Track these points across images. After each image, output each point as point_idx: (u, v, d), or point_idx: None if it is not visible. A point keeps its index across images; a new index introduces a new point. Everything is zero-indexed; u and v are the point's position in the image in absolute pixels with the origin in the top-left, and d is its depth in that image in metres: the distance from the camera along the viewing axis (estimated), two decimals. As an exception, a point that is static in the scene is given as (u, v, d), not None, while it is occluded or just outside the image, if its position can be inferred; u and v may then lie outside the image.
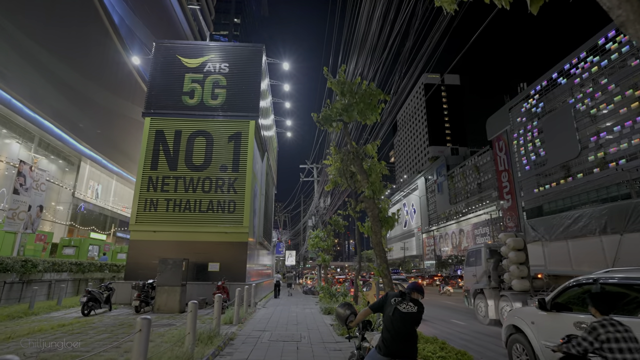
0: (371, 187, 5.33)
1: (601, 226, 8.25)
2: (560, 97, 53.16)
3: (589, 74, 48.11)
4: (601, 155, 46.95)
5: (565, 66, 51.87)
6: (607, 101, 45.91)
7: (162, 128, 16.65)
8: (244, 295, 12.58)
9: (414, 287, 3.50)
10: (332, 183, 11.12)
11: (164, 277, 13.22)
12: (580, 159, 50.18)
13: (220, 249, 15.63)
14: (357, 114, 5.16)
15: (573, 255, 8.98)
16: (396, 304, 3.31)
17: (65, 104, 25.54)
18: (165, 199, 15.92)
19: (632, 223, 7.40)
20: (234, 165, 16.47)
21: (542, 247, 10.18)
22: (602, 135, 46.99)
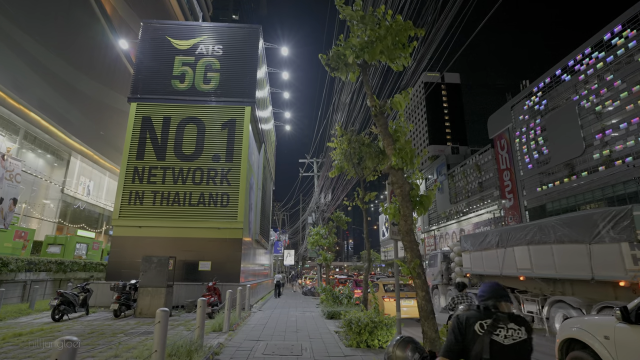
0: (399, 154, 3.90)
1: (496, 242, 11.80)
2: (563, 94, 51.90)
3: (594, 70, 46.85)
4: (607, 153, 45.69)
5: (570, 62, 50.60)
6: (613, 98, 44.64)
7: (150, 114, 15.15)
8: (237, 298, 11.08)
9: (499, 294, 1.94)
10: (337, 169, 9.65)
11: (148, 277, 11.71)
12: (584, 156, 48.90)
13: (212, 247, 14.14)
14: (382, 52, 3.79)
15: (484, 260, 12.45)
16: (488, 331, 1.78)
17: (51, 94, 23.99)
18: (152, 192, 14.41)
19: (510, 240, 10.99)
20: (227, 155, 14.98)
21: (469, 255, 13.48)
22: (607, 132, 45.69)
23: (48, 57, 22.78)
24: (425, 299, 3.86)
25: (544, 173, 55.15)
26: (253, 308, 14.20)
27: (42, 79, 22.81)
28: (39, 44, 21.66)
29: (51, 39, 21.96)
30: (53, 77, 23.77)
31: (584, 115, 48.33)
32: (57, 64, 23.47)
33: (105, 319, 10.75)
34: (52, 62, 23.35)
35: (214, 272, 13.80)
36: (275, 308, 14.86)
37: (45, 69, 22.82)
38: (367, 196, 9.77)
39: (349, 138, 9.01)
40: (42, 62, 22.54)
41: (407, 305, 11.84)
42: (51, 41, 22.24)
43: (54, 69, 23.62)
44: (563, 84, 51.53)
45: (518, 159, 59.13)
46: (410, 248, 3.99)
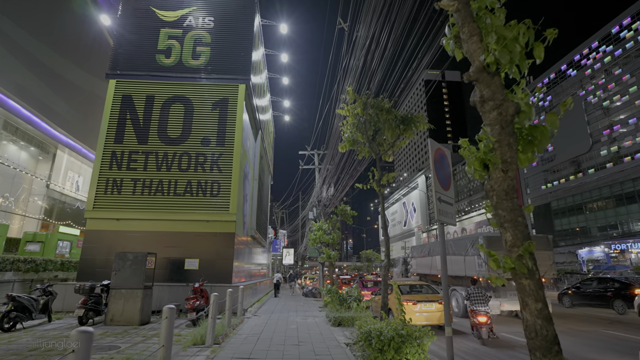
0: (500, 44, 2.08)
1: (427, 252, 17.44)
2: (569, 89, 50.21)
3: (601, 65, 45.17)
4: (615, 149, 43.99)
5: (576, 57, 48.92)
6: (622, 92, 42.95)
7: (131, 93, 13.24)
8: (227, 302, 9.17)
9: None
10: (348, 143, 7.76)
11: (122, 277, 9.78)
12: (591, 153, 47.18)
13: (201, 242, 12.22)
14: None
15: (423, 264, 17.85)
16: None
17: (32, 81, 22.02)
18: (132, 179, 12.48)
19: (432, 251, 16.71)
20: (218, 138, 13.07)
21: (415, 260, 19.23)
22: (615, 128, 44.01)
23: (26, 40, 20.86)
24: (541, 315, 1.98)
25: (549, 171, 53.45)
26: (247, 312, 12.28)
27: (21, 63, 20.88)
28: (16, 24, 19.74)
29: (29, 19, 20.03)
30: (33, 62, 21.83)
31: (591, 111, 46.66)
32: (38, 48, 21.53)
33: (67, 328, 8.82)
34: (32, 46, 21.42)
35: (203, 271, 11.89)
36: (273, 312, 12.94)
37: (24, 52, 20.89)
38: (385, 177, 7.90)
39: (363, 102, 7.13)
40: (20, 45, 20.61)
41: (428, 310, 9.95)
42: (30, 22, 20.31)
43: (34, 53, 21.68)
44: (568, 79, 49.86)
45: (522, 156, 57.30)
46: (512, 222, 2.13)
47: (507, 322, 11.58)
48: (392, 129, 7.16)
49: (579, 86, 48.47)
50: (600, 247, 41.34)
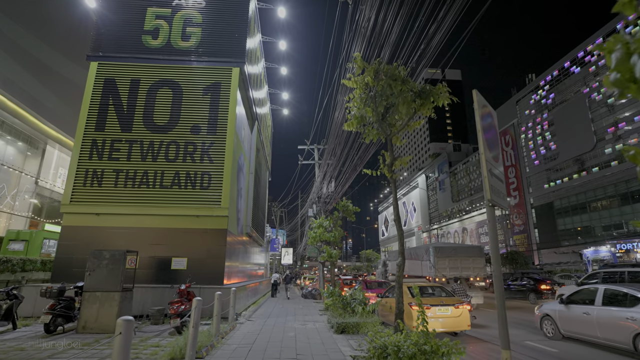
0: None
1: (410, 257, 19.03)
2: (572, 87, 49.11)
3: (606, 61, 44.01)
4: (620, 147, 42.87)
5: (579, 54, 47.85)
6: (627, 89, 41.82)
7: (114, 76, 12.04)
8: (215, 307, 7.98)
9: None
10: (356, 120, 6.57)
11: (96, 279, 8.58)
12: (595, 151, 46.04)
13: (190, 239, 11.02)
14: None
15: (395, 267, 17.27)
16: None
17: (18, 72, 20.80)
18: (114, 170, 11.28)
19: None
20: (210, 126, 11.88)
21: (391, 263, 22.63)
22: (620, 126, 42.88)
23: (11, 27, 19.64)
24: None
25: (552, 169, 52.28)
26: (240, 317, 11.08)
27: (5, 52, 19.65)
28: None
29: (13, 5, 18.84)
30: (19, 52, 20.60)
31: (595, 108, 45.54)
32: (23, 36, 20.31)
33: (31, 337, 7.61)
34: (17, 34, 20.20)
35: (191, 271, 10.69)
36: (269, 316, 11.74)
37: (8, 41, 19.67)
38: (398, 161, 6.72)
39: (374, 69, 5.95)
40: (4, 33, 19.39)
41: (443, 315, 8.77)
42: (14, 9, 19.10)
43: (19, 42, 20.46)
44: (572, 76, 48.73)
45: (524, 155, 56.27)
46: None
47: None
48: (407, 103, 5.98)
49: (583, 83, 47.41)
50: (606, 246, 40.22)
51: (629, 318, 6.46)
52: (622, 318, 6.61)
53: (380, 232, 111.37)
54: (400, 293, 5.96)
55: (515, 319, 12.02)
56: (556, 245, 50.19)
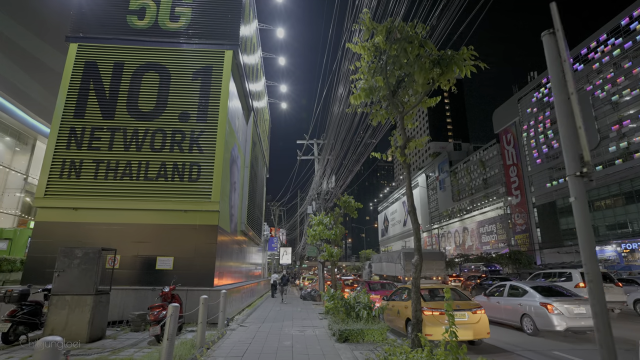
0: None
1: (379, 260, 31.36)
2: (576, 84, 47.99)
3: (610, 58, 43.09)
4: (624, 145, 41.93)
5: (583, 51, 46.87)
6: (632, 86, 40.86)
7: (95, 59, 10.97)
8: (200, 312, 6.92)
9: None
10: (363, 93, 5.51)
11: (66, 280, 7.51)
12: (599, 149, 45.07)
13: (177, 237, 9.96)
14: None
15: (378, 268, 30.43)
16: None
17: (4, 63, 19.73)
18: (94, 161, 10.21)
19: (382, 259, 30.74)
20: (199, 113, 10.82)
21: (374, 264, 32.64)
22: (625, 123, 41.87)
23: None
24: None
25: (554, 168, 51.28)
26: (233, 322, 10.01)
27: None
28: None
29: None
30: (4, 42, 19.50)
31: (599, 106, 44.56)
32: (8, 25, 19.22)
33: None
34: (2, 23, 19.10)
35: (178, 271, 9.63)
36: (264, 320, 10.67)
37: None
38: (413, 143, 5.68)
39: (386, 28, 4.89)
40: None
41: (460, 321, 7.67)
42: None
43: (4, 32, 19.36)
44: (575, 73, 47.74)
45: (525, 153, 55.26)
46: None
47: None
48: (424, 70, 4.93)
49: (586, 81, 46.44)
50: (611, 246, 39.22)
51: (520, 304, 9.29)
52: (516, 304, 9.41)
53: (380, 231, 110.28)
54: (418, 299, 4.89)
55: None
56: (559, 245, 49.19)
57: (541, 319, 8.54)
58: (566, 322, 8.16)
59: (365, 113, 13.21)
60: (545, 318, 8.44)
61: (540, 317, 8.57)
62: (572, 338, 8.64)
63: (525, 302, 9.14)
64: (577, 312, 8.32)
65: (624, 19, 41.65)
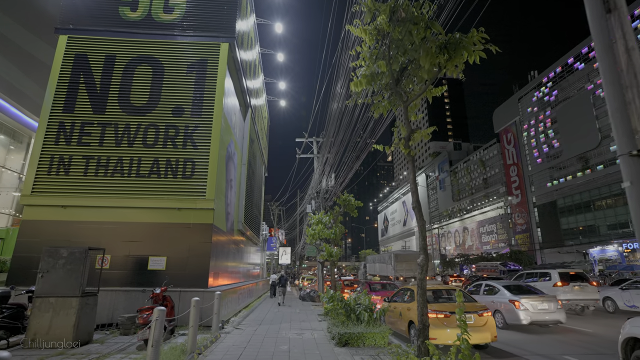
0: None
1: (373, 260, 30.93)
2: (576, 83, 47.75)
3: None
4: (625, 144, 41.62)
5: (583, 49, 46.52)
6: (633, 85, 40.59)
7: (86, 52, 10.56)
8: (192, 316, 6.50)
9: None
10: (365, 80, 5.11)
11: (51, 282, 7.10)
12: (600, 149, 44.67)
13: (170, 236, 9.55)
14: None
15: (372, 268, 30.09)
16: None
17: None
18: (83, 157, 9.79)
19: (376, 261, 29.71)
20: (194, 108, 10.41)
21: (368, 265, 31.63)
22: (626, 122, 41.68)
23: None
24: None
25: (555, 167, 50.90)
26: (228, 325, 9.59)
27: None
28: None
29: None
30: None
31: (600, 105, 44.16)
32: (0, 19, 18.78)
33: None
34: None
35: (171, 271, 9.22)
36: (261, 322, 10.26)
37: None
38: (418, 134, 5.28)
39: (390, 8, 4.48)
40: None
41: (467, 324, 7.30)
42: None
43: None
44: (576, 72, 47.37)
45: (526, 153, 54.87)
46: None
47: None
48: (431, 56, 4.51)
49: (587, 80, 46.09)
50: (613, 246, 38.84)
51: (492, 301, 10.14)
52: (489, 301, 10.22)
53: (380, 231, 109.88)
54: (424, 302, 4.47)
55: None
56: (559, 245, 48.78)
57: (510, 314, 9.45)
58: (531, 316, 9.06)
59: (365, 108, 12.81)
60: (513, 313, 9.33)
61: (509, 312, 9.48)
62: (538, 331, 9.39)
63: (497, 299, 10.08)
64: (541, 308, 9.18)
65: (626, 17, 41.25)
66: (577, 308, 12.11)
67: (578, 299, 11.96)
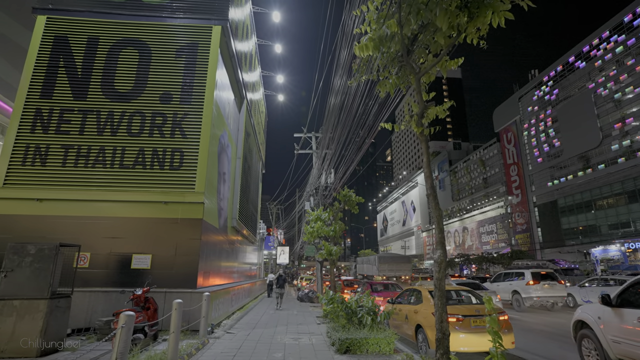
0: None
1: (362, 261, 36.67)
2: (577, 82, 47.09)
3: (613, 55, 42.07)
4: (627, 143, 40.89)
5: (585, 48, 45.86)
6: (635, 84, 39.82)
7: (67, 33, 9.75)
8: (173, 319, 5.70)
9: None
10: (372, 44, 4.32)
11: (15, 282, 6.28)
12: (601, 148, 44.02)
13: (155, 232, 8.73)
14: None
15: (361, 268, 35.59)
16: None
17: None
18: (62, 146, 8.98)
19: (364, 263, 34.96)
20: (183, 94, 9.61)
21: (358, 265, 39.15)
22: (627, 121, 40.80)
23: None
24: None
25: (556, 167, 50.23)
26: (219, 328, 8.78)
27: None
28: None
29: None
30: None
31: (601, 103, 43.51)
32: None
33: None
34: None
35: (157, 270, 8.41)
36: (255, 326, 9.45)
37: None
38: (432, 110, 4.50)
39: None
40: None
41: (481, 329, 6.48)
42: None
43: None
44: (577, 71, 46.71)
45: (526, 152, 54.19)
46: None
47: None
48: (450, 15, 3.73)
49: (588, 78, 45.45)
50: (615, 245, 38.14)
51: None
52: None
53: (379, 231, 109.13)
54: (443, 306, 3.68)
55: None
56: (560, 245, 48.10)
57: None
58: None
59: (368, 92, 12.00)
60: None
61: None
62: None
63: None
64: None
65: (627, 15, 40.70)
66: (548, 304, 13.33)
67: (548, 296, 13.26)
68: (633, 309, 4.64)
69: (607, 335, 4.93)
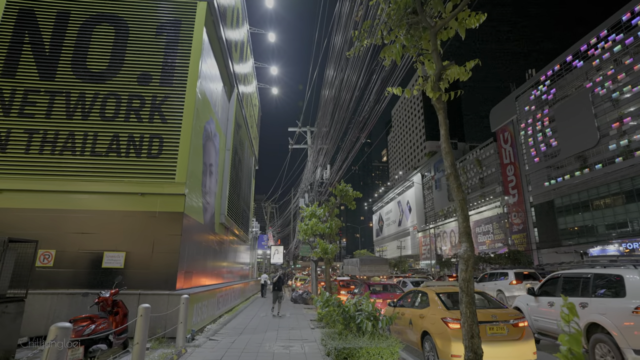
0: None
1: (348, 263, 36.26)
2: (574, 82, 46.71)
3: (611, 54, 41.69)
4: (624, 143, 40.52)
5: (582, 47, 45.49)
6: (633, 83, 39.46)
7: (33, 7, 8.77)
8: (138, 328, 4.77)
9: None
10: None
11: (-46, 282, 5.30)
12: (598, 148, 43.62)
13: (130, 226, 7.78)
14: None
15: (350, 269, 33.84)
16: None
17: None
18: (25, 131, 7.99)
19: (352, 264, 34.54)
20: (164, 75, 8.67)
21: (347, 266, 36.14)
22: (625, 121, 40.43)
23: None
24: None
25: (552, 167, 49.79)
26: (201, 334, 7.84)
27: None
28: None
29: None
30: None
31: (599, 103, 43.12)
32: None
33: None
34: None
35: (131, 270, 7.46)
36: (242, 332, 8.52)
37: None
38: (454, 69, 3.64)
39: None
40: None
41: (498, 337, 5.62)
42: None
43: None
44: (574, 70, 46.30)
45: (523, 152, 53.73)
46: None
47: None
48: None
49: (585, 78, 45.07)
50: (613, 246, 37.75)
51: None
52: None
53: (375, 232, 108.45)
54: (473, 316, 2.81)
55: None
56: (557, 245, 47.65)
57: None
58: None
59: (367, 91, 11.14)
60: None
61: None
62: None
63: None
64: None
65: (625, 14, 40.38)
66: None
67: None
68: (547, 297, 6.43)
69: (531, 316, 6.61)
